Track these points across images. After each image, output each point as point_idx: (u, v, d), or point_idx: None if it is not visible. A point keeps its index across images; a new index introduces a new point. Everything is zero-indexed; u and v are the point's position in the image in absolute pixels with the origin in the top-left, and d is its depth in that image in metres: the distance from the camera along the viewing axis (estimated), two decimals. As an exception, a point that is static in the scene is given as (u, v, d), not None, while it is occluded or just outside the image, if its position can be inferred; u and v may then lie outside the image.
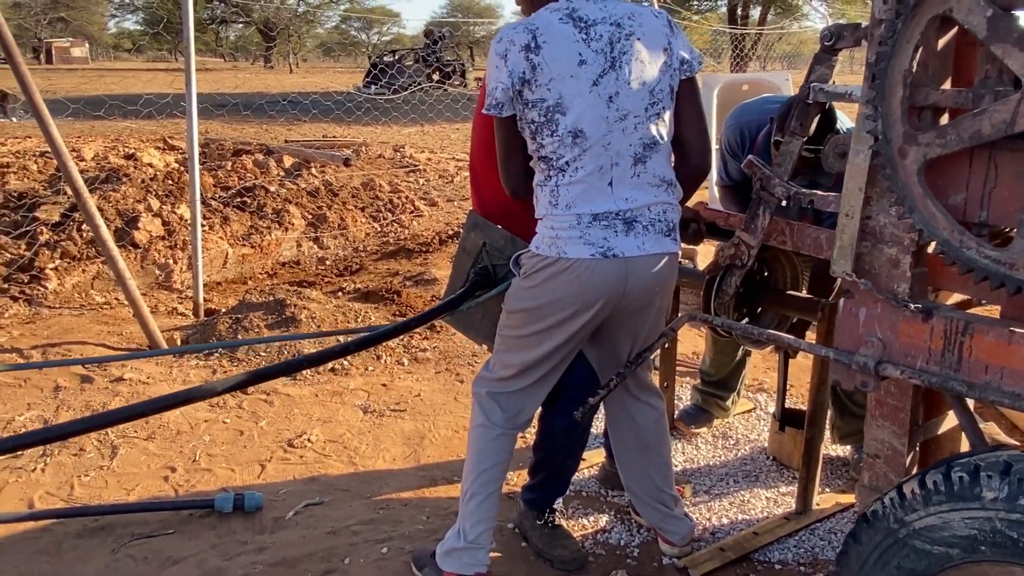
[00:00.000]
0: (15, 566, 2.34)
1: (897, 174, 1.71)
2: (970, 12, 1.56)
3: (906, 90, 1.68)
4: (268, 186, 6.36)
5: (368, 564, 2.36)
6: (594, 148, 1.94)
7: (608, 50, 1.94)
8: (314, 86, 22.54)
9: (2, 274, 4.67)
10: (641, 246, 1.99)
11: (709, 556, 2.39)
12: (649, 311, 2.15)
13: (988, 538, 1.46)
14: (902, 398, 1.95)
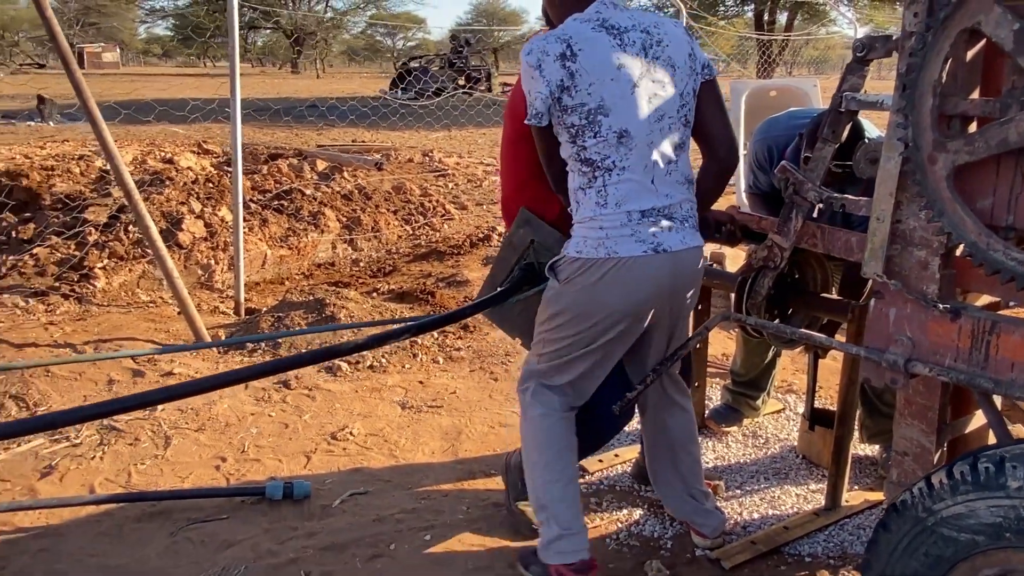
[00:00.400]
0: (80, 547, 2.44)
1: (927, 180, 1.77)
2: (998, 26, 1.62)
3: (936, 99, 1.74)
4: (304, 189, 6.48)
5: (413, 550, 2.45)
6: (640, 147, 2.01)
7: (643, 55, 2.02)
8: (341, 91, 22.71)
9: (54, 273, 4.82)
10: (683, 240, 2.07)
11: (741, 549, 2.44)
12: (686, 308, 2.24)
13: (1013, 525, 1.52)
14: (930, 397, 1.98)
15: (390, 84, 22.35)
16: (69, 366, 3.58)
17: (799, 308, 2.67)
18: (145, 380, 3.57)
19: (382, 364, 3.82)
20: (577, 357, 2.15)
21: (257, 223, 5.73)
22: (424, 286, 4.95)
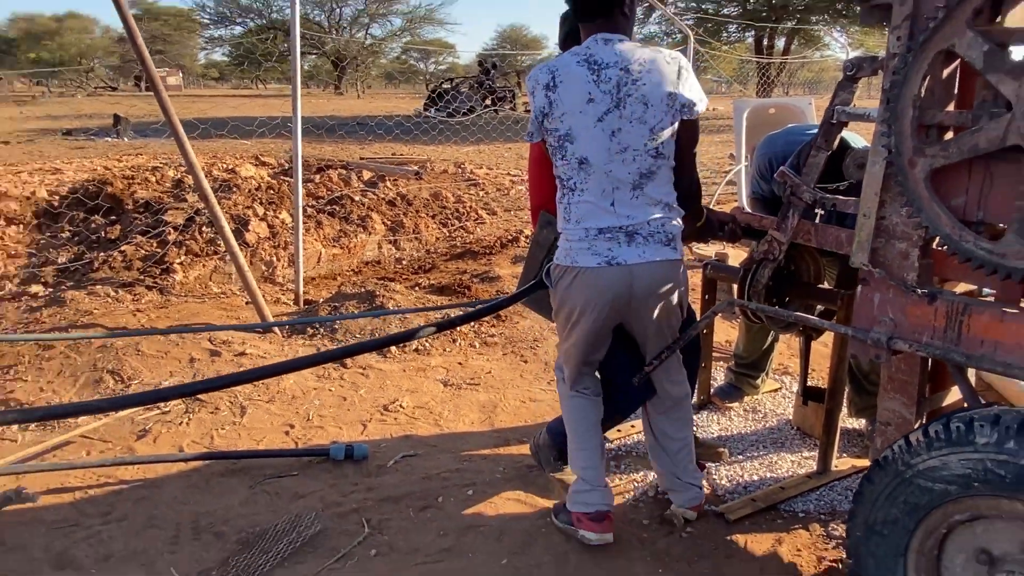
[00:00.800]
0: (174, 497, 2.56)
1: (907, 181, 1.83)
2: (970, 48, 1.69)
3: (915, 112, 1.81)
4: (352, 196, 6.57)
5: (458, 503, 2.54)
6: (597, 174, 2.05)
7: (615, 91, 2.00)
8: (380, 110, 22.85)
9: (139, 267, 4.92)
10: (642, 254, 2.08)
11: (742, 505, 2.51)
12: (657, 310, 2.19)
13: (980, 476, 1.58)
14: (911, 373, 2.04)
15: (424, 104, 22.43)
16: (157, 346, 3.69)
17: (795, 297, 2.72)
18: (221, 359, 3.67)
19: (426, 348, 3.91)
20: (572, 345, 2.26)
21: (313, 225, 5.81)
22: (460, 281, 5.04)
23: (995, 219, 1.78)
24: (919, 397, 2.07)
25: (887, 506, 1.77)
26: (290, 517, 2.44)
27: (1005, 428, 1.56)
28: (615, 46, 2.04)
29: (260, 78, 43.30)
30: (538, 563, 2.21)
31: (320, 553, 2.27)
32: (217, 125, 9.60)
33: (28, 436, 2.95)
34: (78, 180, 7.29)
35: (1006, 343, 1.76)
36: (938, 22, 1.72)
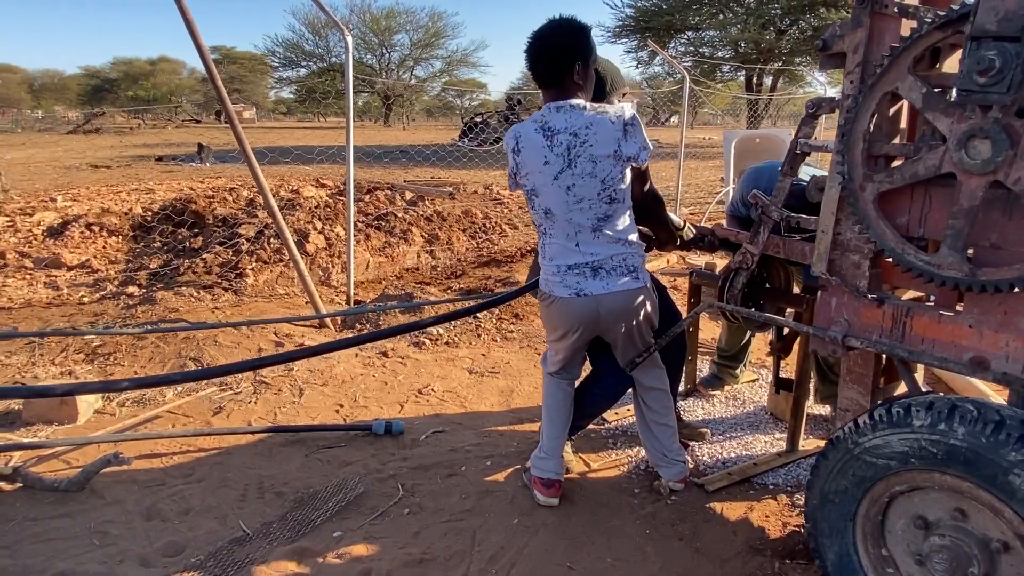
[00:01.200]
0: (243, 462, 2.63)
1: (858, 202, 1.85)
2: (911, 90, 1.72)
3: (865, 144, 1.83)
4: (396, 213, 6.67)
5: (477, 471, 2.58)
6: (560, 222, 2.08)
7: (566, 154, 2.01)
8: (421, 140, 23.02)
9: (217, 272, 5.05)
10: (605, 286, 2.11)
11: (720, 478, 2.53)
12: (625, 326, 2.20)
13: (916, 452, 1.60)
14: (867, 367, 2.04)
15: (459, 134, 22.55)
16: (231, 338, 3.78)
17: (767, 300, 2.75)
18: (283, 349, 3.75)
19: (455, 341, 3.96)
20: (556, 350, 2.32)
21: (362, 237, 5.90)
22: (486, 285, 5.09)
23: (933, 235, 1.79)
24: (874, 387, 2.07)
25: (838, 478, 1.79)
26: (338, 481, 2.49)
27: (937, 412, 1.58)
28: (566, 113, 2.03)
29: (321, 113, 43.81)
30: (544, 523, 2.25)
31: (362, 511, 2.32)
32: (283, 153, 9.83)
33: (124, 411, 3.05)
34: (167, 199, 7.49)
35: (942, 341, 1.78)
36: (884, 68, 1.75)
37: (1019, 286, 1.60)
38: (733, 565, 2.05)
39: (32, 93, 54.66)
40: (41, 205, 8.64)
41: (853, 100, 1.84)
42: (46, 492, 2.38)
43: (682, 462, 2.45)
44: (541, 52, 2.04)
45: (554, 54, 2.02)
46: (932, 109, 1.67)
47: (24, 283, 5.17)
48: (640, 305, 2.20)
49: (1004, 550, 1.55)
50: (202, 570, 2.01)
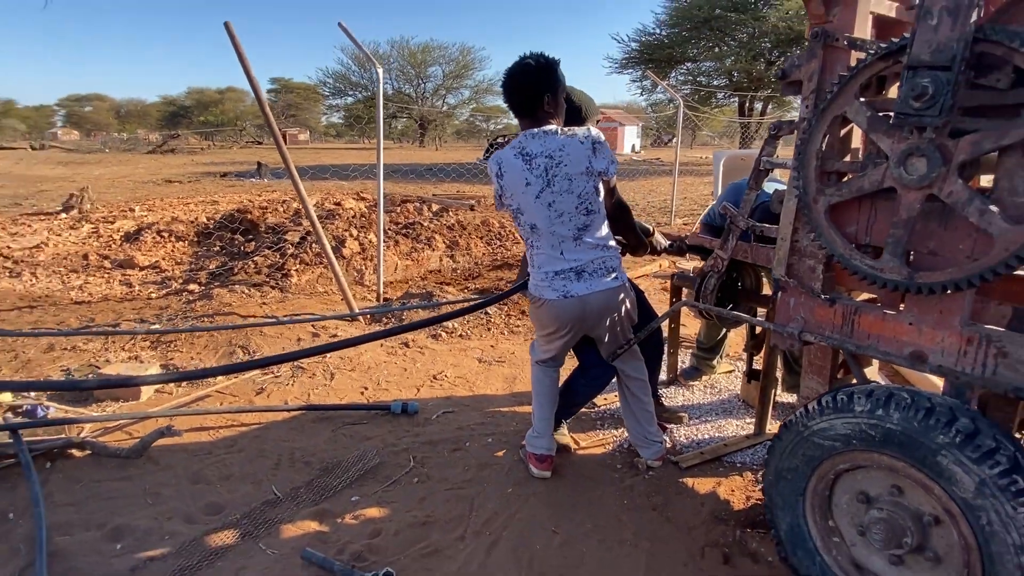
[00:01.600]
0: (278, 436, 2.67)
1: (812, 213, 1.84)
2: (857, 113, 1.70)
3: (818, 161, 1.83)
4: (422, 222, 6.72)
5: (480, 447, 2.59)
6: (544, 235, 2.08)
7: (544, 175, 2.02)
8: (451, 159, 23.14)
9: (266, 273, 5.14)
10: (589, 287, 2.11)
11: (693, 456, 2.51)
12: (608, 321, 2.21)
13: (857, 435, 1.59)
14: (825, 360, 2.03)
15: (484, 154, 22.62)
16: (275, 330, 3.85)
17: (741, 301, 2.74)
18: (319, 340, 3.79)
19: (468, 334, 3.99)
20: (545, 346, 2.31)
21: (392, 243, 5.95)
22: (498, 286, 5.10)
23: (878, 243, 1.77)
24: (831, 378, 2.06)
25: (790, 457, 1.78)
26: (359, 453, 2.52)
27: (876, 399, 1.57)
28: (541, 139, 2.03)
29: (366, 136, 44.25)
30: (534, 492, 2.26)
31: (377, 479, 2.35)
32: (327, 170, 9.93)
33: (179, 390, 3.13)
34: (228, 209, 7.62)
35: (886, 337, 1.76)
36: (834, 94, 1.74)
37: (951, 288, 1.58)
38: (699, 532, 2.04)
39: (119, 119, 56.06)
40: (121, 214, 8.87)
41: (808, 123, 1.82)
42: (109, 458, 2.45)
43: (659, 443, 2.44)
44: (515, 86, 2.05)
45: (526, 88, 2.03)
46: (875, 130, 1.65)
47: (103, 281, 5.32)
48: (621, 301, 2.21)
49: (935, 523, 1.53)
50: (238, 527, 2.05)
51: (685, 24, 24.41)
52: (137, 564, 1.87)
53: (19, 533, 2.01)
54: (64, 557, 1.90)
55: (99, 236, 7.13)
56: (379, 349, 3.70)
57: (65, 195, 10.05)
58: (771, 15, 22.00)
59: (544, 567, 1.87)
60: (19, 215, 9.20)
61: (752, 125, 20.71)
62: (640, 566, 1.88)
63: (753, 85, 23.98)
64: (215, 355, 3.54)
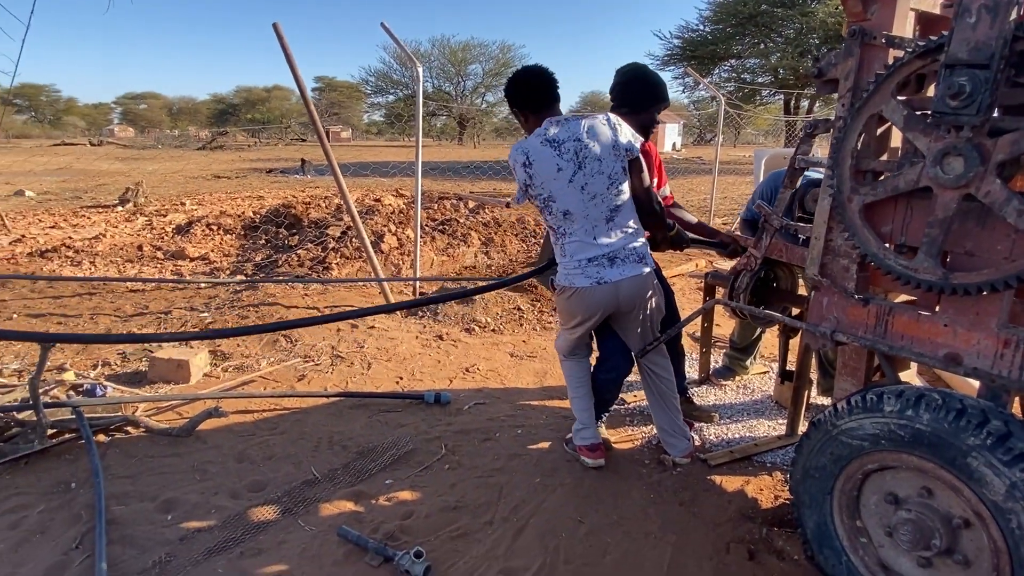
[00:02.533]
0: (317, 421, 2.78)
1: (846, 213, 1.83)
2: (894, 112, 1.70)
3: (853, 160, 1.82)
4: (458, 219, 6.81)
5: (510, 438, 2.65)
6: (579, 219, 2.11)
7: (575, 158, 2.07)
8: (488, 157, 23.22)
9: (308, 265, 5.31)
10: (622, 273, 2.14)
11: (722, 455, 2.52)
12: (640, 311, 2.24)
13: (886, 435, 1.59)
14: (860, 361, 2.01)
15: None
16: (314, 319, 4.00)
17: (773, 300, 2.72)
18: (357, 330, 3.91)
19: (500, 328, 4.05)
20: (572, 336, 2.34)
21: (429, 239, 6.04)
22: (530, 282, 5.12)
23: (913, 243, 1.76)
24: (866, 380, 2.04)
25: (818, 456, 1.78)
26: (393, 439, 2.60)
27: (906, 400, 1.57)
28: (564, 125, 2.11)
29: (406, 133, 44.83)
30: (562, 483, 2.31)
31: (410, 464, 2.43)
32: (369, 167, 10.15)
33: (226, 375, 3.29)
34: (273, 204, 7.88)
35: (920, 338, 1.75)
36: (870, 92, 1.73)
37: (988, 289, 1.56)
38: (725, 528, 2.06)
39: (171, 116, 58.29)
40: (172, 208, 9.27)
41: (843, 121, 1.81)
42: (161, 436, 2.61)
43: (687, 440, 2.46)
44: (544, 79, 2.15)
45: (552, 82, 2.16)
46: (912, 129, 1.64)
47: (155, 271, 5.60)
48: (652, 288, 2.25)
49: (964, 526, 1.52)
50: (279, 504, 2.16)
51: (730, 20, 23.91)
52: (186, 534, 2.00)
53: (80, 501, 2.17)
54: (120, 525, 2.04)
55: (152, 228, 7.49)
56: (414, 341, 3.80)
57: (121, 189, 10.56)
58: (819, 10, 21.37)
59: (569, 555, 1.92)
60: (79, 208, 9.73)
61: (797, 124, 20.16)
62: (665, 558, 1.91)
63: (799, 82, 23.33)
64: (260, 341, 3.70)
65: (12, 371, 3.26)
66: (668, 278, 2.75)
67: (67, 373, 3.12)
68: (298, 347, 3.64)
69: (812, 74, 1.93)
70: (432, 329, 4.01)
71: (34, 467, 2.37)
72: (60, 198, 11.13)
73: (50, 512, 2.11)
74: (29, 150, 25.49)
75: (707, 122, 30.25)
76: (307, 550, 1.92)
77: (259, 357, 3.51)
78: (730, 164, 20.14)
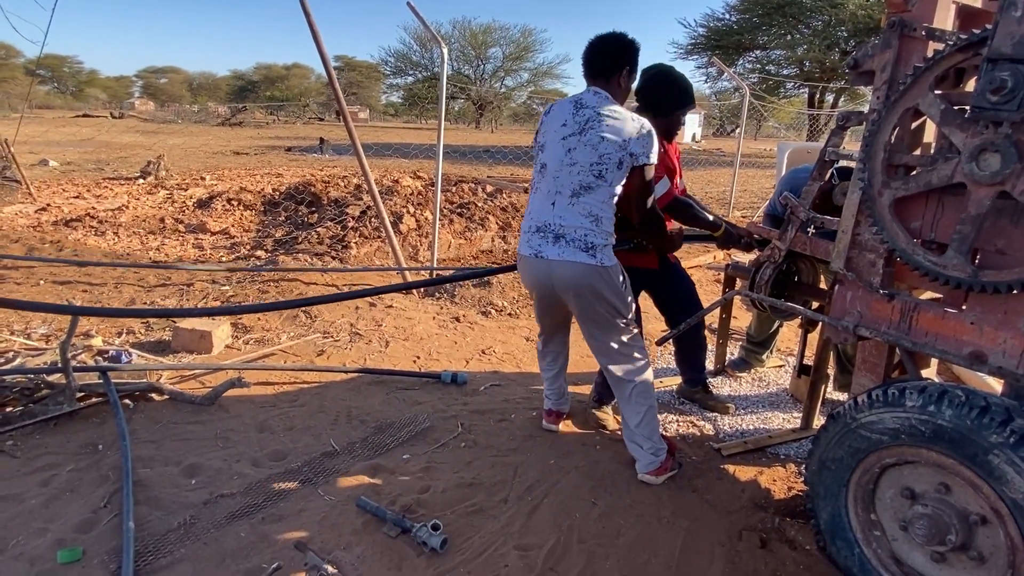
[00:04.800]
0: (336, 395, 2.83)
1: (875, 207, 1.82)
2: (930, 106, 1.68)
3: (885, 154, 1.80)
4: (477, 203, 6.82)
5: (524, 419, 2.68)
6: (549, 177, 2.05)
7: (583, 123, 2.01)
8: (506, 142, 23.12)
9: (328, 243, 5.34)
10: (560, 254, 2.01)
11: (736, 445, 2.53)
12: (577, 301, 2.06)
13: (906, 429, 1.60)
14: (879, 357, 2.01)
15: (539, 138, 22.39)
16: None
17: (794, 294, 2.70)
18: (375, 309, 3.95)
19: (516, 313, 4.07)
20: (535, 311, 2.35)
21: (447, 222, 6.06)
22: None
23: (942, 239, 1.75)
24: (885, 376, 2.03)
25: (836, 448, 1.79)
26: (410, 415, 2.65)
27: (928, 395, 1.57)
28: (600, 98, 2.05)
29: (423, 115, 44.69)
30: (576, 465, 2.33)
31: (427, 441, 2.47)
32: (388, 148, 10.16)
33: (247, 348, 3.35)
34: (292, 182, 7.94)
35: (945, 336, 1.74)
36: (907, 85, 1.71)
37: (1019, 288, 1.55)
38: (738, 516, 2.08)
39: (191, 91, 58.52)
40: (193, 182, 9.37)
41: (877, 114, 1.80)
42: (185, 403, 2.68)
43: (650, 455, 2.21)
44: (602, 47, 2.08)
45: (613, 51, 2.08)
46: (948, 124, 1.63)
47: (177, 243, 5.68)
48: (592, 283, 2.03)
49: (981, 523, 1.52)
50: (299, 474, 2.22)
51: (757, 10, 23.45)
52: (209, 499, 2.06)
53: (107, 463, 2.23)
54: (145, 487, 2.11)
55: (173, 202, 7.58)
56: (431, 322, 3.83)
57: (143, 162, 10.67)
58: (849, 2, 20.88)
59: (583, 534, 1.95)
60: (102, 179, 9.85)
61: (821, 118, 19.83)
62: (677, 542, 1.94)
63: (825, 76, 22.87)
64: (279, 317, 3.75)
65: (40, 335, 3.34)
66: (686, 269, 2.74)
67: (94, 339, 3.20)
68: (317, 323, 3.69)
69: (848, 65, 1.91)
70: (449, 311, 4.05)
71: (63, 428, 2.44)
72: (83, 169, 11.28)
73: (79, 472, 2.17)
74: (52, 120, 25.79)
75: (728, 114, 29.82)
76: (327, 519, 1.97)
77: (279, 331, 3.56)
78: (750, 157, 19.90)
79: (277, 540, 1.87)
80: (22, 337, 3.28)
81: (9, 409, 2.49)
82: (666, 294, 2.62)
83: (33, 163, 11.05)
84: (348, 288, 4.31)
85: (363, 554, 1.82)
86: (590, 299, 2.07)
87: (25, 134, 10.35)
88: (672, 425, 2.71)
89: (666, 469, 2.24)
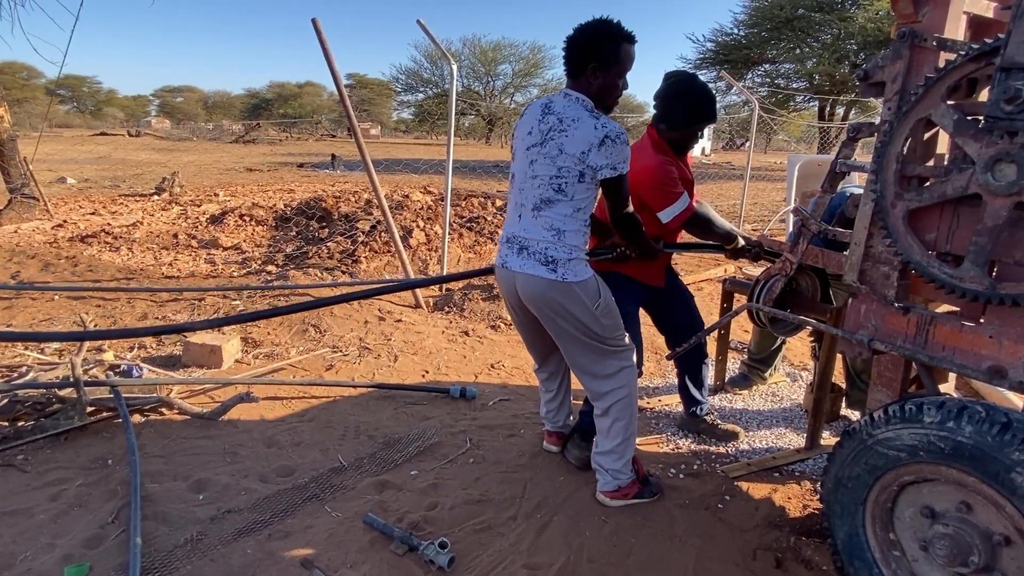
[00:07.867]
0: (344, 410, 2.83)
1: (889, 218, 1.79)
2: (943, 116, 1.65)
3: (898, 165, 1.78)
4: (486, 217, 6.84)
5: (534, 435, 2.65)
6: (516, 189, 2.00)
7: (546, 132, 1.90)
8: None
9: (338, 258, 5.38)
10: (522, 266, 1.95)
11: (740, 467, 2.46)
12: (544, 317, 1.99)
13: (924, 446, 1.55)
14: (895, 372, 1.97)
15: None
16: (343, 311, 4.04)
17: (796, 309, 2.64)
18: (385, 323, 3.95)
19: (526, 327, 4.05)
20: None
21: (456, 236, 6.08)
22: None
23: (958, 251, 1.71)
24: (901, 391, 2.00)
25: (852, 466, 1.74)
26: (419, 430, 2.63)
27: (947, 411, 1.53)
28: (568, 101, 1.91)
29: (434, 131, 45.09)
30: (587, 481, 2.29)
31: (435, 457, 2.45)
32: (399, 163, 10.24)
33: (257, 363, 3.35)
34: (304, 197, 8.01)
35: (963, 349, 1.70)
36: (919, 96, 1.69)
37: (1038, 301, 1.51)
38: (752, 535, 2.03)
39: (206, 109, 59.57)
40: (206, 198, 9.48)
41: (889, 125, 1.78)
42: (194, 418, 2.67)
43: (609, 476, 2.15)
44: (569, 40, 1.92)
45: (577, 46, 1.89)
46: (962, 134, 1.60)
47: (190, 258, 5.73)
48: (554, 298, 1.93)
49: (1005, 543, 1.47)
50: (306, 490, 2.20)
51: (765, 24, 23.52)
52: (216, 514, 2.05)
53: (116, 478, 2.23)
54: (154, 501, 2.10)
55: (187, 217, 7.66)
56: (440, 336, 3.82)
57: (158, 179, 10.83)
58: (858, 16, 20.89)
59: (593, 553, 1.91)
60: (118, 195, 10.01)
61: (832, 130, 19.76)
62: (690, 562, 1.89)
63: (835, 89, 22.85)
64: (289, 331, 3.76)
65: (53, 350, 3.37)
66: (695, 283, 2.71)
67: (106, 353, 3.22)
68: (327, 337, 3.69)
69: (858, 76, 1.89)
70: (458, 325, 4.03)
71: (73, 443, 2.45)
72: (99, 185, 11.46)
73: (88, 486, 2.17)
74: (70, 139, 26.30)
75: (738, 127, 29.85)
76: (333, 535, 1.95)
77: (289, 346, 3.56)
78: (760, 170, 19.84)
79: (284, 557, 1.85)
80: (35, 352, 3.31)
81: (21, 423, 2.50)
82: (669, 317, 2.55)
83: (51, 180, 11.26)
84: (358, 303, 4.31)
85: (370, 573, 1.79)
86: (552, 315, 1.98)
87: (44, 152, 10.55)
88: (684, 441, 2.67)
89: (626, 495, 2.15)
